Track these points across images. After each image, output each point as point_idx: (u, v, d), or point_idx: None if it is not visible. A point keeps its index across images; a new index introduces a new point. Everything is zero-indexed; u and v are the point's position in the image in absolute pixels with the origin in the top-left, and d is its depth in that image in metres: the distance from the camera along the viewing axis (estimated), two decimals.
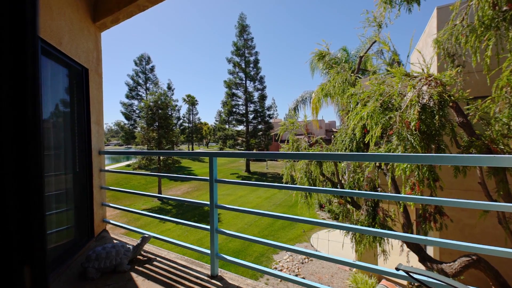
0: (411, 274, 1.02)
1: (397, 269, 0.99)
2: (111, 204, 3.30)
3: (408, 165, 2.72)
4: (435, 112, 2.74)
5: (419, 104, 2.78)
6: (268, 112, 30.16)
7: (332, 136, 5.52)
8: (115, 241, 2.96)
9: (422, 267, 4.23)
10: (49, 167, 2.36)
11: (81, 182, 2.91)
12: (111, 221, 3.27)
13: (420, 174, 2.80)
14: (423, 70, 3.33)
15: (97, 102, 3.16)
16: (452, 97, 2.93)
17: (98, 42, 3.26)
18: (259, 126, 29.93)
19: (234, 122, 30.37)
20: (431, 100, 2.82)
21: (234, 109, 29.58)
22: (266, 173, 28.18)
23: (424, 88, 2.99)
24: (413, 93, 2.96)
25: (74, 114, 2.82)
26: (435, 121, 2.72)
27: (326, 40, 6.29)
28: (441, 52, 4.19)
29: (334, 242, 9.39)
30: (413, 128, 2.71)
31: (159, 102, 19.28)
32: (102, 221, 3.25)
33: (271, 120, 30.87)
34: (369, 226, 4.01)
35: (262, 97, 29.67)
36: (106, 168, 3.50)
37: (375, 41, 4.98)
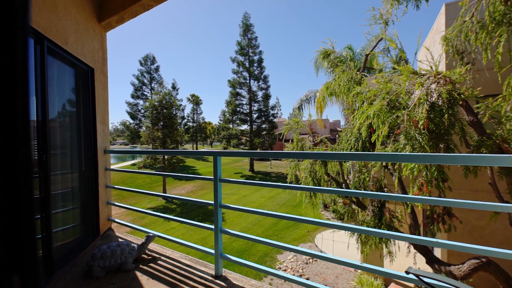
0: (421, 277, 0.99)
1: (407, 272, 0.95)
2: (116, 203, 3.32)
3: (416, 165, 2.66)
4: (444, 110, 2.67)
5: (428, 103, 2.71)
6: (272, 112, 30.08)
7: (337, 136, 5.46)
8: (120, 240, 2.98)
9: (430, 269, 4.15)
10: (55, 165, 2.39)
11: (87, 180, 2.93)
12: (116, 220, 3.30)
13: (428, 174, 2.74)
14: (431, 67, 3.25)
15: (102, 102, 3.18)
16: (462, 95, 2.85)
17: (104, 42, 3.29)
18: (263, 126, 29.89)
19: (238, 121, 30.39)
20: (440, 98, 2.75)
21: (238, 109, 29.59)
22: (270, 173, 28.14)
23: (433, 86, 2.91)
24: (421, 91, 2.89)
25: (80, 113, 2.85)
26: (444, 120, 2.65)
27: (331, 39, 6.21)
28: (450, 50, 4.10)
29: (339, 243, 9.30)
30: (421, 127, 2.65)
31: (163, 102, 19.42)
32: (108, 220, 3.28)
33: (275, 120, 30.79)
34: (375, 227, 3.95)
35: (266, 97, 29.60)
36: (112, 167, 3.53)
37: (381, 39, 4.89)
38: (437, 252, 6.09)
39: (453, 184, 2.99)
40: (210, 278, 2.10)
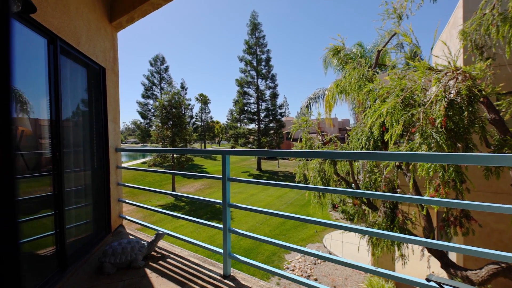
0: (443, 285, 0.92)
1: (428, 280, 0.89)
2: (127, 201, 3.38)
3: (433, 165, 2.54)
4: (463, 108, 2.54)
5: (446, 100, 2.58)
6: (279, 111, 29.91)
7: (346, 135, 5.34)
8: (130, 237, 3.03)
9: (444, 274, 3.99)
10: (69, 163, 2.44)
11: (99, 178, 2.99)
12: (127, 217, 3.35)
13: (445, 175, 2.61)
14: (449, 63, 3.10)
15: (113, 101, 3.23)
16: (483, 92, 2.70)
17: (115, 42, 3.33)
18: (271, 125, 29.77)
19: (245, 120, 30.41)
20: (459, 95, 2.61)
21: (245, 108, 29.60)
22: (277, 172, 28.02)
23: (451, 82, 2.77)
24: (438, 87, 2.75)
25: (92, 112, 2.90)
26: (463, 117, 2.52)
27: (340, 36, 6.04)
28: (468, 44, 3.92)
29: (348, 244, 9.14)
30: (439, 125, 2.53)
31: (173, 101, 19.69)
32: (119, 217, 3.34)
33: (282, 119, 30.60)
34: (387, 229, 3.83)
35: (274, 95, 29.45)
36: (123, 165, 3.58)
37: (395, 33, 4.73)
38: (452, 256, 5.86)
39: (472, 185, 2.85)
40: (218, 277, 2.08)
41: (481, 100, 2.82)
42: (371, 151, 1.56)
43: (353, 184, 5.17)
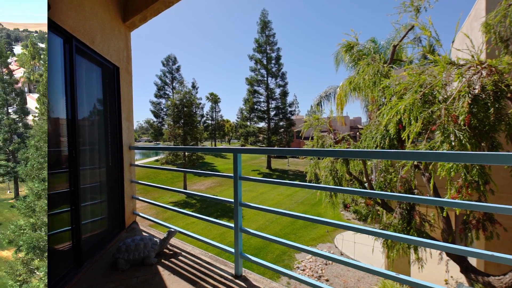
0: None
1: None
2: (140, 198, 3.44)
3: (454, 165, 2.40)
4: (489, 104, 2.37)
5: (470, 95, 2.42)
6: (289, 109, 29.68)
7: (358, 133, 5.18)
8: (144, 233, 3.08)
9: (464, 278, 3.80)
10: (84, 161, 2.50)
11: (113, 176, 3.06)
12: (140, 214, 3.42)
13: (468, 176, 2.45)
14: (472, 56, 2.91)
15: (127, 100, 3.29)
16: (510, 87, 2.51)
17: (128, 41, 3.39)
18: (281, 123, 29.59)
19: (255, 119, 30.40)
20: (484, 90, 2.44)
21: (255, 106, 29.57)
22: (287, 170, 27.85)
23: (475, 77, 2.60)
24: (461, 83, 2.59)
25: (107, 111, 2.96)
26: (489, 114, 2.36)
27: (350, 33, 5.82)
28: (492, 37, 3.70)
29: (361, 245, 8.92)
30: (462, 122, 2.38)
31: (184, 101, 20.01)
32: (132, 213, 3.41)
33: (292, 117, 30.34)
34: (403, 231, 3.69)
35: (284, 94, 29.22)
36: (137, 163, 3.66)
37: (412, 27, 4.51)
38: (472, 260, 5.57)
39: (496, 187, 2.67)
40: (230, 277, 2.07)
41: (508, 96, 2.63)
42: (389, 150, 1.48)
43: (366, 184, 5.02)
